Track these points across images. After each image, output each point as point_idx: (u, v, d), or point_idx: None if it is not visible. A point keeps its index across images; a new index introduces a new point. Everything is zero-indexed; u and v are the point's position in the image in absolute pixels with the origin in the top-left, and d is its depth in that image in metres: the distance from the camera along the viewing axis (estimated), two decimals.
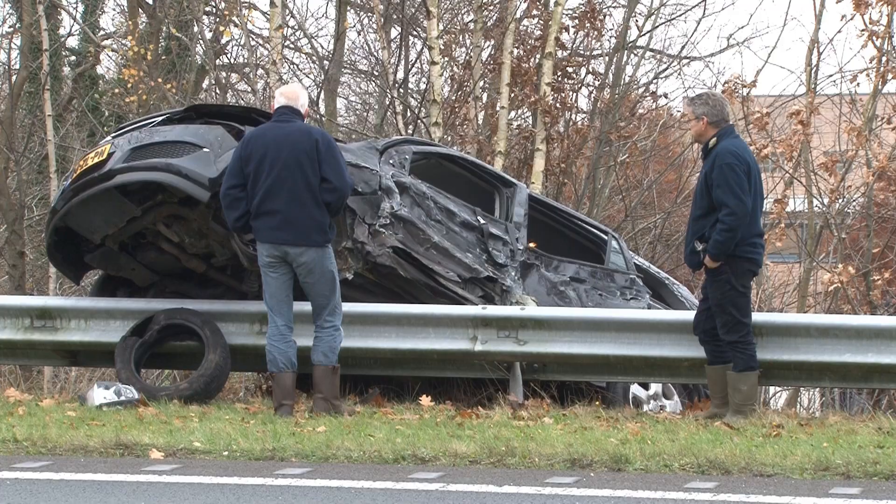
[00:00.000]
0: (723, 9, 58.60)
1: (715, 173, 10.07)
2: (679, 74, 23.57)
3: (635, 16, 21.30)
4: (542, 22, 19.98)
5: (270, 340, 10.22)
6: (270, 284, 10.21)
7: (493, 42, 20.08)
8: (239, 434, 8.85)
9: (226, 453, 8.34)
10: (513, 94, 19.22)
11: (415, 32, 21.95)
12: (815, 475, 7.75)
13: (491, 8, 21.09)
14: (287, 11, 21.39)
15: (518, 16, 19.66)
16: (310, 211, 10.05)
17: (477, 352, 11.09)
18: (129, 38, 20.95)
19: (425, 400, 10.70)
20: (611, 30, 21.43)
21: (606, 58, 21.44)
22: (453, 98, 19.81)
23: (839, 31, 23.56)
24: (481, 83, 19.88)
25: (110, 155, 10.95)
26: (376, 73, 23.32)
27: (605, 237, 12.88)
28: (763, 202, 10.55)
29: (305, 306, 10.36)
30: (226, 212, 10.22)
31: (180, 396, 10.64)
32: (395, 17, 21.29)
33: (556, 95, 19.11)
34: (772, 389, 17.90)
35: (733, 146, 10.19)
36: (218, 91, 22.45)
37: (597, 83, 20.77)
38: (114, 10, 26.96)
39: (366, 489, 7.30)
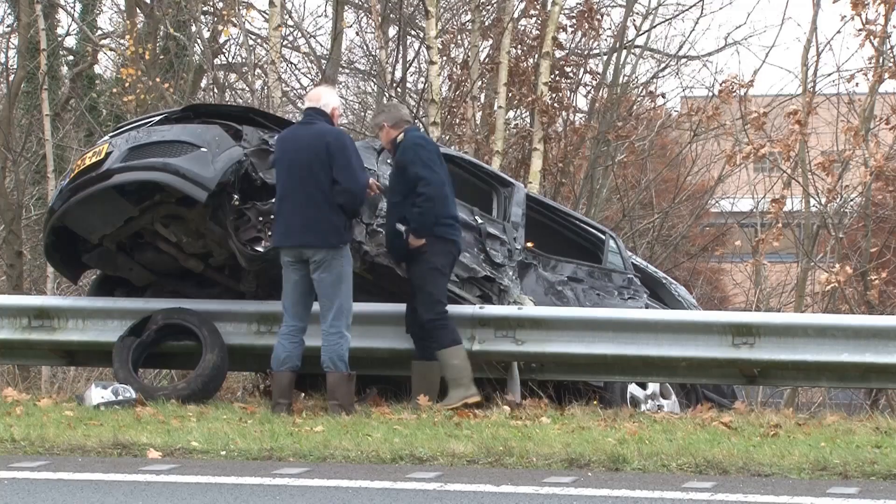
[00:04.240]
0: (720, 8, 58.46)
1: (406, 155, 10.63)
2: (677, 74, 23.62)
3: (633, 15, 21.29)
4: (539, 22, 19.96)
5: (280, 337, 10.33)
6: (287, 284, 10.29)
7: (490, 42, 20.06)
8: (237, 434, 8.86)
9: (223, 453, 8.34)
10: (510, 94, 19.20)
11: (412, 32, 21.93)
12: (813, 475, 7.75)
13: (489, 8, 21.06)
14: (285, 11, 21.37)
15: (516, 15, 19.64)
16: (324, 213, 10.15)
17: (475, 351, 11.08)
18: (127, 37, 20.91)
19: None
20: (608, 29, 21.44)
21: (604, 57, 21.44)
22: (451, 98, 19.79)
23: (838, 32, 23.53)
24: (479, 83, 19.85)
25: (108, 154, 10.95)
26: (374, 73, 23.30)
27: (603, 237, 12.87)
28: (453, 189, 10.97)
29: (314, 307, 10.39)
30: None
31: (178, 396, 10.63)
32: (392, 16, 21.27)
33: (553, 95, 19.09)
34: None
35: (417, 134, 11.04)
36: (216, 91, 22.43)
37: (594, 83, 20.76)
38: (111, 9, 26.89)
39: (363, 489, 7.30)
